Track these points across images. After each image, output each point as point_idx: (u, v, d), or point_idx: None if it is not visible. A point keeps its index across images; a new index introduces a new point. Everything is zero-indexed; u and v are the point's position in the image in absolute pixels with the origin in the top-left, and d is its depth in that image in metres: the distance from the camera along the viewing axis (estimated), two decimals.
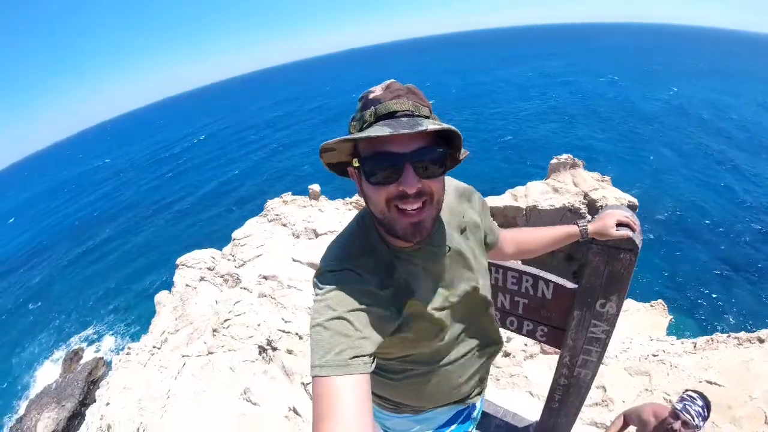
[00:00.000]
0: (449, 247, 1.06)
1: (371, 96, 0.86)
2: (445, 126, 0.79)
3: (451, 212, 1.12)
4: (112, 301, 29.12)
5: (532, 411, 1.92)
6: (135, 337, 19.25)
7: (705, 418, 1.81)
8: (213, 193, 47.30)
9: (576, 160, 17.54)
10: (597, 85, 72.02)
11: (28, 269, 39.99)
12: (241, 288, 8.71)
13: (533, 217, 16.18)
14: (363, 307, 0.86)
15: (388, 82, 0.88)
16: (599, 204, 15.60)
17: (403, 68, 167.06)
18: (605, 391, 3.51)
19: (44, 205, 70.93)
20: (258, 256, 10.24)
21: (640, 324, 5.61)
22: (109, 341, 24.40)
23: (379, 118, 0.81)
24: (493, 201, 16.86)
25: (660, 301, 6.23)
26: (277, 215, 12.13)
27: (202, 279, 9.78)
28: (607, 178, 17.32)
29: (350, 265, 0.92)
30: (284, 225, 11.67)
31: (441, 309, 1.05)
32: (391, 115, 0.81)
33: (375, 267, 0.94)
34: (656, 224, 25.19)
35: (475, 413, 1.45)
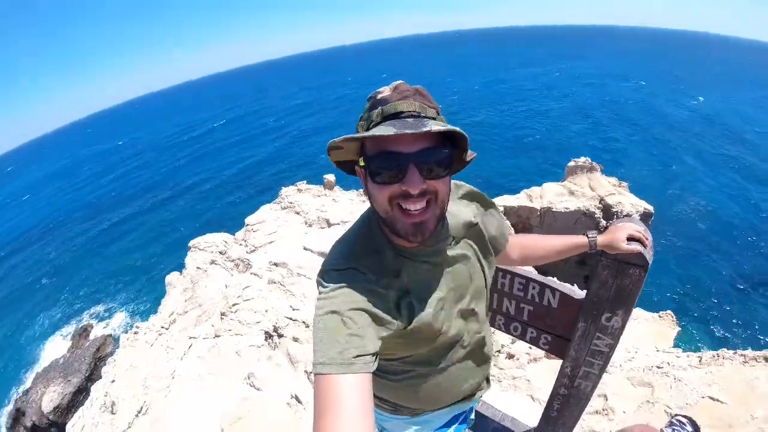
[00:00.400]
0: (454, 248, 1.08)
1: (379, 96, 0.87)
2: (450, 127, 0.79)
3: (454, 215, 1.12)
4: (125, 279, 29.55)
5: (531, 416, 1.92)
6: (144, 317, 19.51)
7: None
8: (231, 178, 47.66)
9: (594, 163, 17.34)
10: (624, 89, 70.80)
11: (42, 245, 40.71)
12: (251, 273, 8.78)
13: (547, 218, 16.05)
14: (367, 306, 0.87)
15: (396, 83, 0.90)
16: (614, 209, 15.42)
17: (425, 62, 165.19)
18: (606, 400, 3.49)
19: (61, 183, 71.98)
20: (270, 243, 10.31)
21: (647, 334, 5.56)
22: (118, 319, 24.75)
23: (385, 118, 0.83)
24: (508, 200, 16.75)
25: (669, 312, 6.17)
26: (290, 203, 12.19)
27: (213, 262, 9.88)
28: (624, 183, 17.09)
29: (355, 264, 0.93)
30: (297, 213, 11.72)
31: (444, 310, 1.05)
32: (398, 115, 0.82)
33: (379, 267, 0.95)
34: (673, 233, 24.84)
35: (471, 416, 1.46)
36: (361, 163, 0.89)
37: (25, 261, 38.05)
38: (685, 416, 1.81)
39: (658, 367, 3.72)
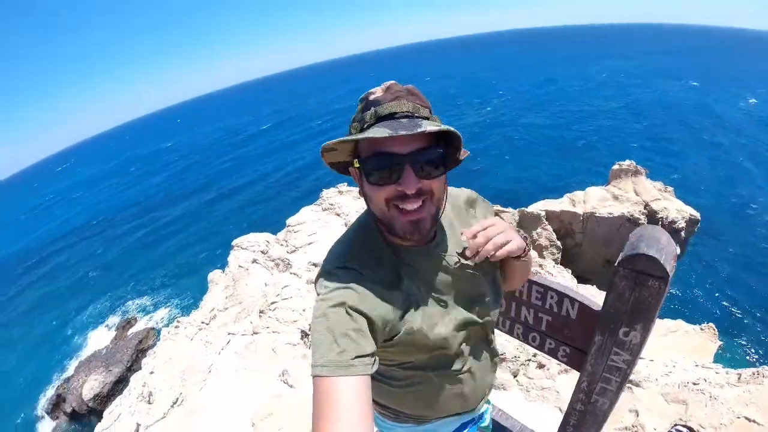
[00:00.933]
0: (456, 254, 1.07)
1: (372, 97, 0.88)
2: (444, 127, 0.81)
3: (459, 221, 1.12)
4: (171, 275, 30.59)
5: (554, 429, 1.88)
6: (186, 312, 20.16)
7: None
8: (277, 180, 48.69)
9: (639, 167, 16.68)
10: (674, 88, 68.05)
11: (92, 242, 42.62)
12: (290, 273, 8.87)
13: (590, 224, 15.56)
14: (365, 307, 0.87)
15: (388, 83, 0.90)
16: (660, 215, 14.81)
17: (469, 64, 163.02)
18: (637, 416, 3.34)
19: (110, 182, 75.16)
20: (309, 244, 10.39)
21: (687, 347, 5.32)
22: (161, 313, 25.56)
23: (379, 119, 0.84)
24: (551, 205, 16.33)
25: (711, 324, 5.87)
26: (331, 204, 12.27)
27: (254, 261, 10.05)
28: (670, 188, 16.38)
29: (353, 264, 0.94)
30: (338, 215, 11.78)
31: (443, 313, 1.05)
32: (391, 116, 0.83)
33: (377, 267, 0.96)
34: (726, 240, 23.65)
35: (483, 424, 1.43)
36: (356, 165, 0.90)
37: (75, 255, 39.92)
38: (684, 425, 1.76)
39: (695, 384, 3.53)
